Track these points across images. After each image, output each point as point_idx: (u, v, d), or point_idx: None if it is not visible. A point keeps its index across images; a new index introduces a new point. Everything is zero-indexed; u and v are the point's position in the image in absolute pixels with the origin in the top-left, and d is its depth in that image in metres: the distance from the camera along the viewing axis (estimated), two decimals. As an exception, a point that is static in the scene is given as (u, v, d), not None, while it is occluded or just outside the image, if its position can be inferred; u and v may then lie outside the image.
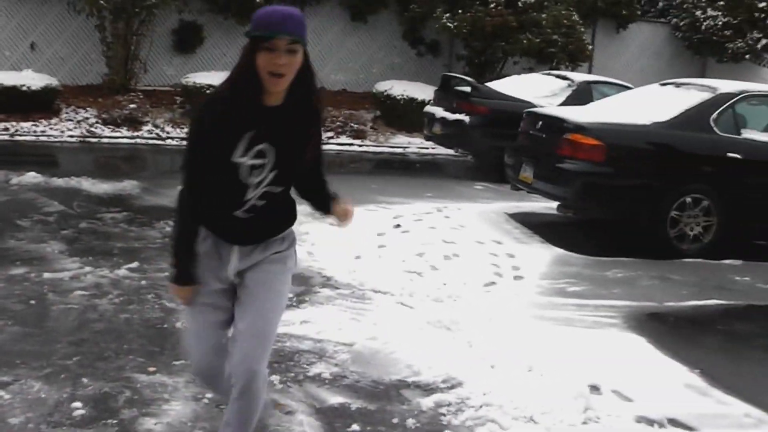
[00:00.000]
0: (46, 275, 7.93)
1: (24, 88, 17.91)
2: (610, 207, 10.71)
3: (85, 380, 5.66)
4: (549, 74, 16.96)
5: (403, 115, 19.70)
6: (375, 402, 5.64)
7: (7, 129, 17.20)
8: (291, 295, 7.68)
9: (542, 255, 9.70)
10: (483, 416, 5.50)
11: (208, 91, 18.15)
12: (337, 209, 4.61)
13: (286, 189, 4.30)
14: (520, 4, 20.58)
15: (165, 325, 6.76)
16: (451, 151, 17.38)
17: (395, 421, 5.39)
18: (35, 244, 9.10)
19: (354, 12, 22.78)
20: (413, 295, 7.87)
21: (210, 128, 4.00)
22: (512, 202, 12.47)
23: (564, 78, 16.26)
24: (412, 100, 19.64)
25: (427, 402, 5.68)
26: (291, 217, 4.42)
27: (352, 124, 19.21)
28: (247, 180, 4.09)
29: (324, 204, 4.62)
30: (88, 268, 8.21)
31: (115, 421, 5.14)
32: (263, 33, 3.93)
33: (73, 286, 7.68)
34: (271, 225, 4.33)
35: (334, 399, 5.64)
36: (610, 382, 6.12)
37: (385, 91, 20.28)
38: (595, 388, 5.99)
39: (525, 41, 20.33)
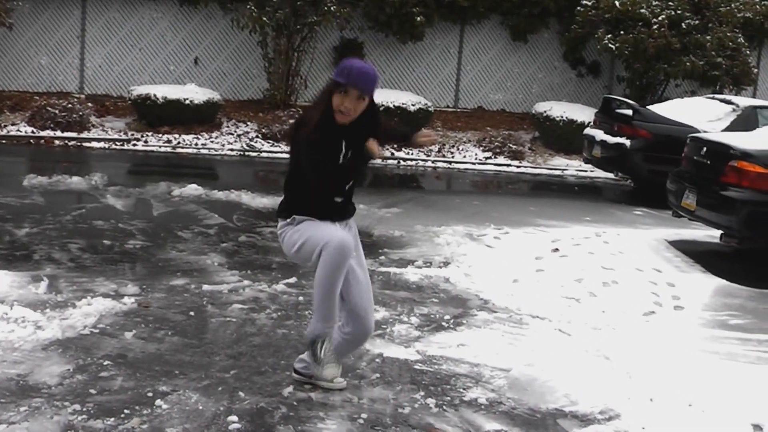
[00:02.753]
0: (206, 287, 8.12)
1: (187, 102, 18.40)
2: (777, 238, 10.40)
3: (241, 394, 5.74)
4: (713, 98, 16.52)
5: (562, 137, 19.57)
6: (531, 430, 5.57)
7: (169, 141, 17.70)
8: (448, 317, 7.71)
9: (703, 285, 9.45)
10: (642, 451, 5.39)
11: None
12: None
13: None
14: (683, 25, 20.18)
15: (322, 343, 6.79)
16: (610, 175, 17.18)
17: (552, 451, 5.32)
18: (195, 255, 9.31)
19: (514, 32, 22.70)
20: (571, 322, 7.77)
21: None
22: (673, 229, 12.22)
23: (728, 102, 15.84)
24: (571, 121, 19.48)
25: (584, 433, 5.58)
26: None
27: (510, 145, 19.13)
28: None
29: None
30: (246, 282, 8.36)
31: (270, 437, 5.19)
32: (342, 81, 5.20)
33: (231, 299, 7.83)
34: None
35: (490, 425, 5.58)
36: (775, 422, 5.91)
37: (545, 111, 20.14)
38: (758, 428, 5.79)
39: (688, 63, 19.90)
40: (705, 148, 11.04)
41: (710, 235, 11.66)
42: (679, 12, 20.22)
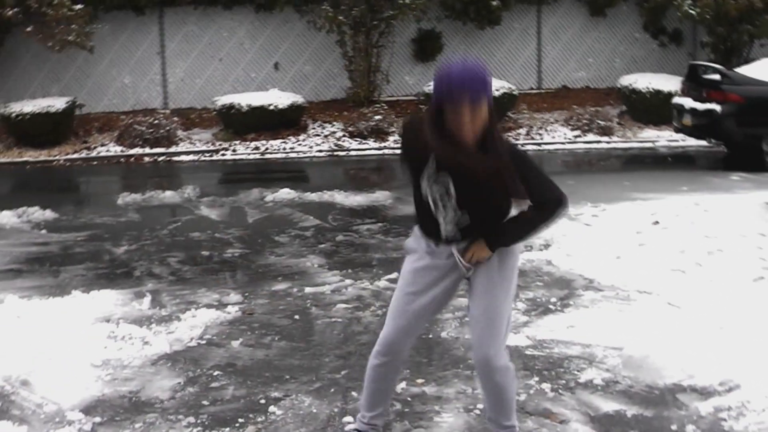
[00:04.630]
0: (308, 289, 8.12)
1: (271, 107, 18.51)
2: None
3: (354, 394, 5.68)
4: (803, 55, 16.15)
5: (650, 109, 19.20)
6: (651, 408, 5.44)
7: (257, 148, 17.82)
8: (555, 299, 7.61)
9: (812, 246, 9.21)
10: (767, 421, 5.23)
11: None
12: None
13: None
14: (765, -17, 19.75)
15: (430, 336, 6.73)
16: (703, 143, 16.83)
17: (674, 427, 5.16)
18: (295, 258, 9.33)
19: (592, 7, 22.39)
20: (679, 294, 7.59)
21: None
22: (772, 192, 11.94)
23: (820, 58, 15.47)
24: (658, 92, 19.10)
25: (705, 407, 5.42)
26: None
27: (598, 121, 18.88)
28: None
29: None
30: (348, 281, 8.34)
31: (387, 435, 5.13)
32: (444, 98, 4.13)
33: (335, 299, 7.81)
34: None
35: (608, 406, 5.47)
36: None
37: (630, 84, 19.79)
38: None
39: (773, 22, 19.49)
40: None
41: (813, 194, 11.37)
42: (761, -30, 19.76)
